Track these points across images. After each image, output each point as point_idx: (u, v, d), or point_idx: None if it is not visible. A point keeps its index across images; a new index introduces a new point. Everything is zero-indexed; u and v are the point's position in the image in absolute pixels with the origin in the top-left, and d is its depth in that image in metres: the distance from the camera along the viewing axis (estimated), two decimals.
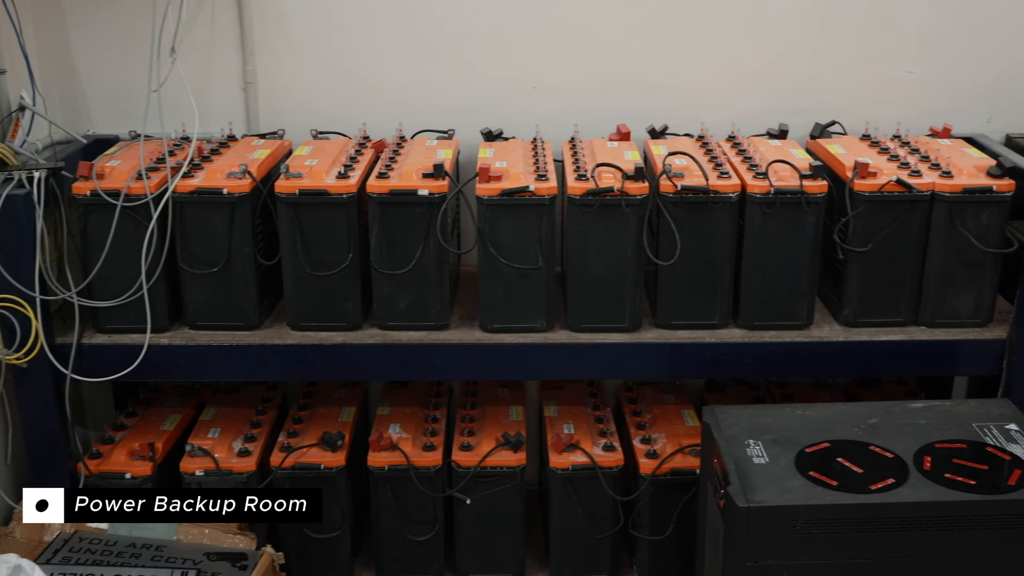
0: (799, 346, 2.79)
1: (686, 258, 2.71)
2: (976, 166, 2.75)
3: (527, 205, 2.68)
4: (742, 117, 3.15)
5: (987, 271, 2.74)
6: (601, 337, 2.80)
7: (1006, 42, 3.16)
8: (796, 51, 3.17)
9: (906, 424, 2.50)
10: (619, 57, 3.17)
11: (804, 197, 2.67)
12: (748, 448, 2.41)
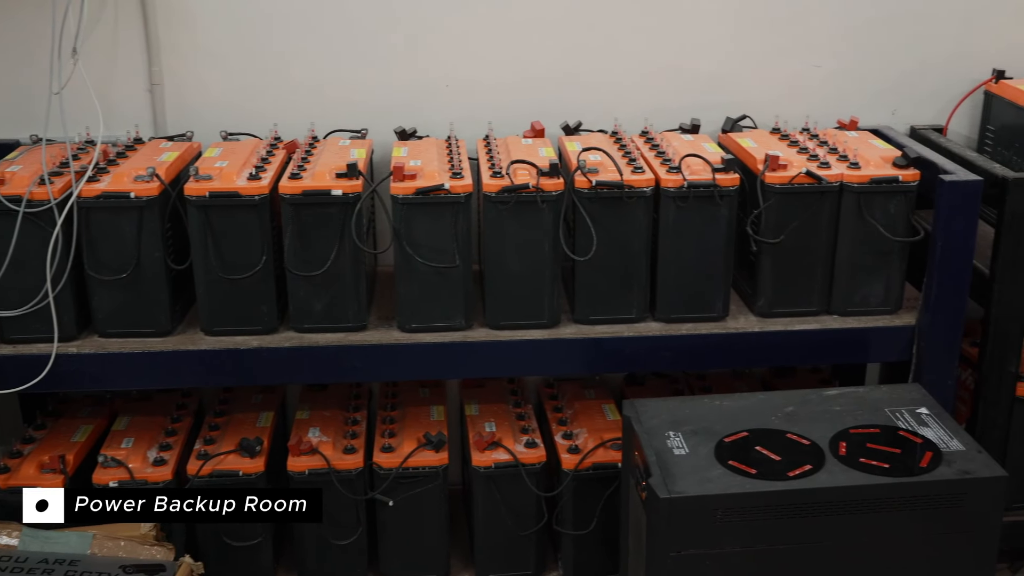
0: (716, 338, 2.82)
1: (602, 253, 2.72)
2: (883, 157, 2.80)
3: (442, 203, 2.66)
4: (655, 112, 3.17)
5: (895, 260, 2.80)
6: (520, 334, 2.80)
7: (909, 36, 3.23)
8: (707, 47, 3.21)
9: (821, 411, 2.54)
10: (532, 54, 3.17)
11: (717, 190, 2.70)
12: (668, 440, 2.43)
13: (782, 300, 2.84)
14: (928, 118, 3.30)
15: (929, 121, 3.30)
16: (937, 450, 2.36)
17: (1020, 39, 3.25)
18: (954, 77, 3.27)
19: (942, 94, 3.29)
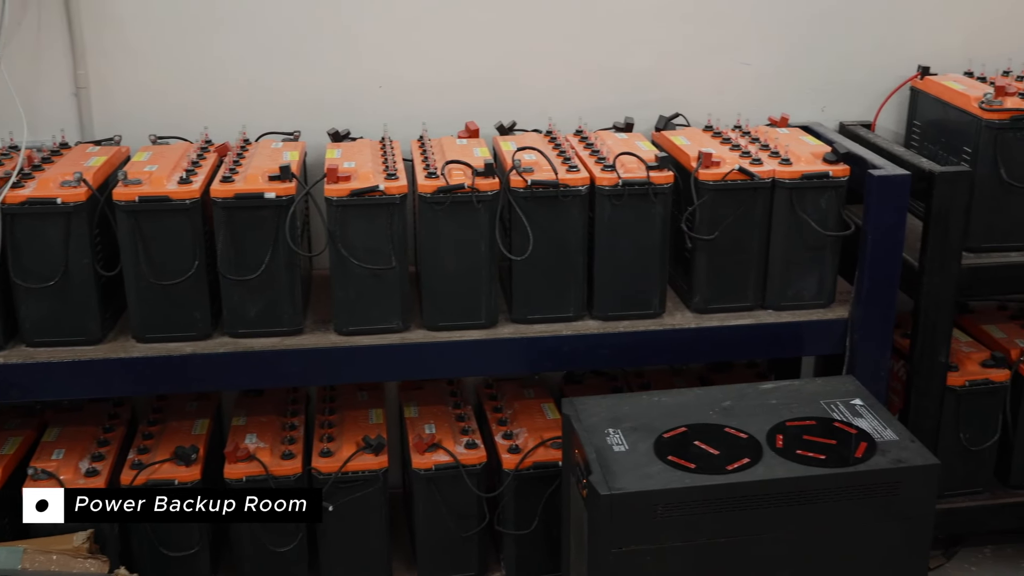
0: (653, 335, 2.83)
1: (539, 252, 2.72)
2: (813, 153, 2.84)
3: (377, 205, 2.64)
4: (589, 112, 3.18)
5: (827, 254, 2.84)
6: (458, 335, 2.79)
7: (837, 34, 3.28)
8: (639, 46, 3.22)
9: (758, 405, 2.57)
10: (466, 55, 3.16)
11: (651, 188, 2.72)
12: (608, 437, 2.43)
13: (718, 296, 2.87)
14: (857, 114, 3.35)
15: (858, 117, 3.35)
16: (872, 440, 2.39)
17: (944, 36, 3.32)
18: (881, 74, 3.32)
19: (870, 91, 3.34)
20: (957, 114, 2.99)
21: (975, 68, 3.25)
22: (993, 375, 3.05)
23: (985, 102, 2.87)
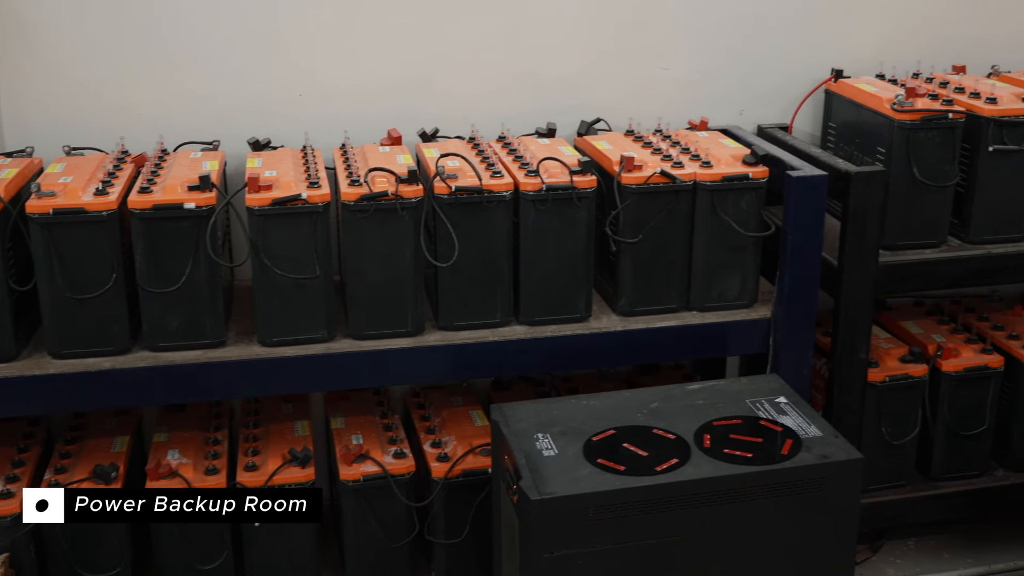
0: (580, 338, 2.84)
1: (465, 259, 2.71)
2: (733, 155, 2.88)
3: (300, 213, 2.61)
4: (511, 117, 3.18)
5: (749, 255, 2.87)
6: (384, 343, 2.76)
7: (753, 37, 3.33)
8: (559, 51, 3.24)
9: (685, 406, 2.59)
10: (386, 61, 3.14)
11: (575, 192, 2.73)
12: (537, 442, 2.43)
13: (643, 299, 2.88)
14: (774, 117, 3.40)
15: (775, 120, 3.40)
16: (797, 437, 2.43)
17: (856, 39, 3.38)
18: (797, 77, 3.38)
19: (786, 94, 3.39)
20: (870, 115, 3.05)
21: (886, 70, 3.33)
22: (912, 370, 3.11)
23: (897, 103, 2.94)
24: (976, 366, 3.15)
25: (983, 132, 2.94)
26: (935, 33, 3.42)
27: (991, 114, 2.93)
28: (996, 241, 3.06)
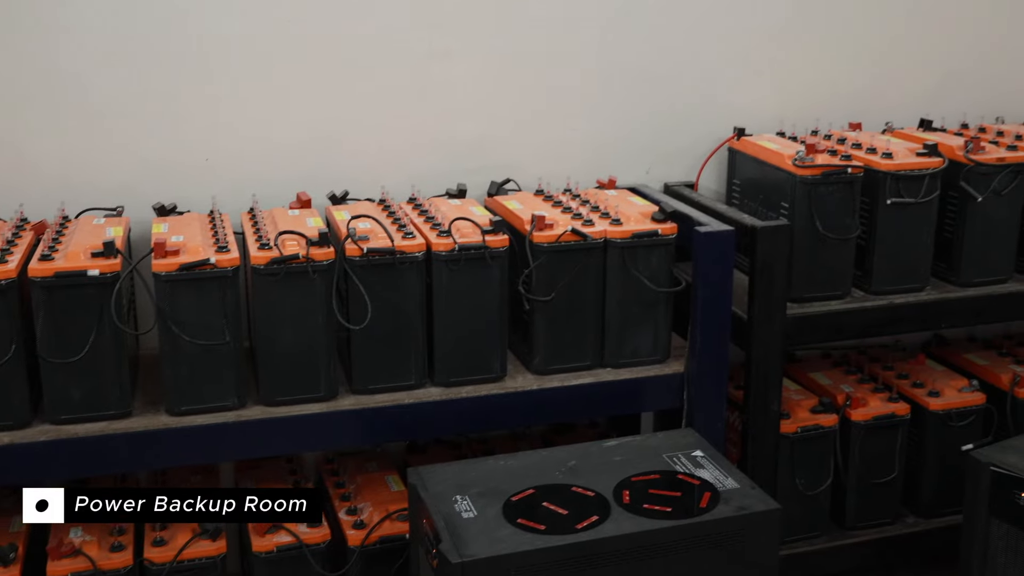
0: (495, 398, 2.82)
1: (378, 321, 2.68)
2: (641, 213, 2.92)
3: (209, 278, 2.56)
4: (421, 179, 3.18)
5: (661, 311, 2.90)
6: (297, 409, 2.71)
7: (657, 98, 3.40)
8: (469, 113, 3.26)
9: (603, 462, 2.58)
10: (294, 124, 3.12)
11: (487, 252, 2.73)
12: (456, 504, 2.40)
13: (557, 357, 2.88)
14: (680, 175, 3.47)
15: (681, 178, 3.47)
16: (714, 490, 2.44)
17: (756, 99, 3.48)
18: (701, 136, 3.45)
19: (691, 152, 3.46)
20: (773, 171, 3.13)
21: (786, 128, 3.42)
22: (822, 420, 3.16)
23: (798, 159, 3.02)
24: (884, 414, 3.21)
25: (881, 186, 3.04)
26: (832, 92, 3.53)
27: (888, 168, 3.02)
28: (897, 291, 3.14)
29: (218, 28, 3.01)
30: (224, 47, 3.03)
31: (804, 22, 3.50)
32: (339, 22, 3.10)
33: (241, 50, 3.04)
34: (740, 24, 3.43)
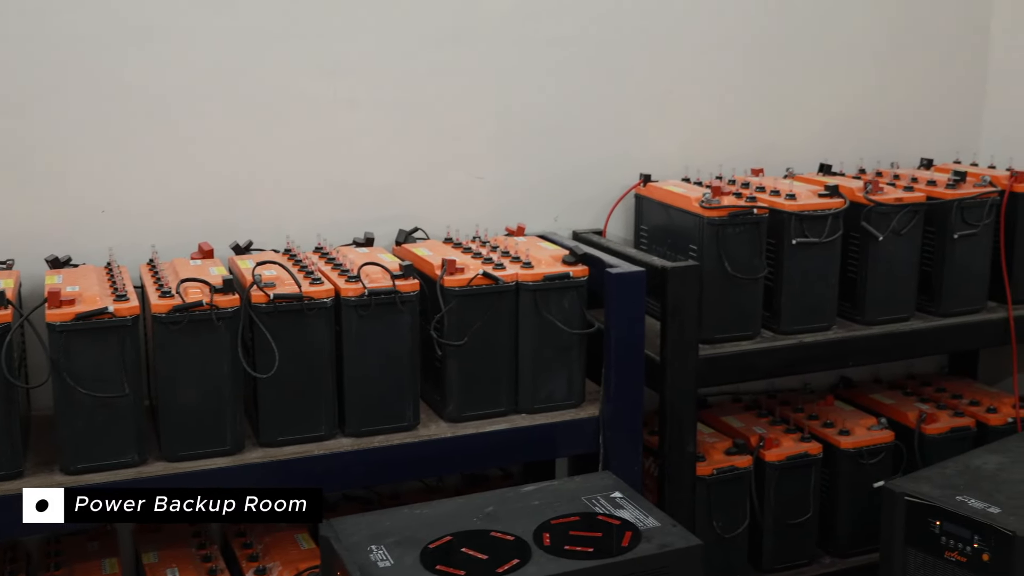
0: (408, 447, 2.75)
1: (285, 370, 2.60)
2: (552, 256, 2.90)
3: (107, 328, 2.45)
4: (327, 228, 3.12)
5: (574, 354, 2.87)
6: (202, 464, 2.59)
7: (564, 146, 3.41)
8: (375, 162, 3.23)
9: (521, 507, 2.52)
10: (195, 175, 3.05)
11: (398, 296, 2.68)
12: (371, 554, 2.31)
13: (471, 404, 2.83)
14: (588, 223, 3.47)
15: (589, 226, 3.47)
16: (636, 529, 2.40)
17: (662, 146, 3.53)
18: (608, 184, 3.47)
19: (598, 200, 3.48)
20: (680, 215, 3.15)
21: (691, 174, 3.47)
22: (737, 461, 3.16)
23: (704, 201, 3.05)
24: (797, 454, 3.23)
25: (786, 226, 3.08)
26: (734, 140, 3.60)
27: (792, 209, 3.07)
28: (805, 331, 3.17)
29: (116, 76, 2.94)
30: (121, 95, 2.95)
31: (708, 73, 3.57)
32: (241, 71, 3.05)
33: (140, 99, 2.97)
34: (646, 74, 3.48)
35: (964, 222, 3.27)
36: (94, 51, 2.91)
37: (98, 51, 2.91)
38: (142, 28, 2.94)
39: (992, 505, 2.60)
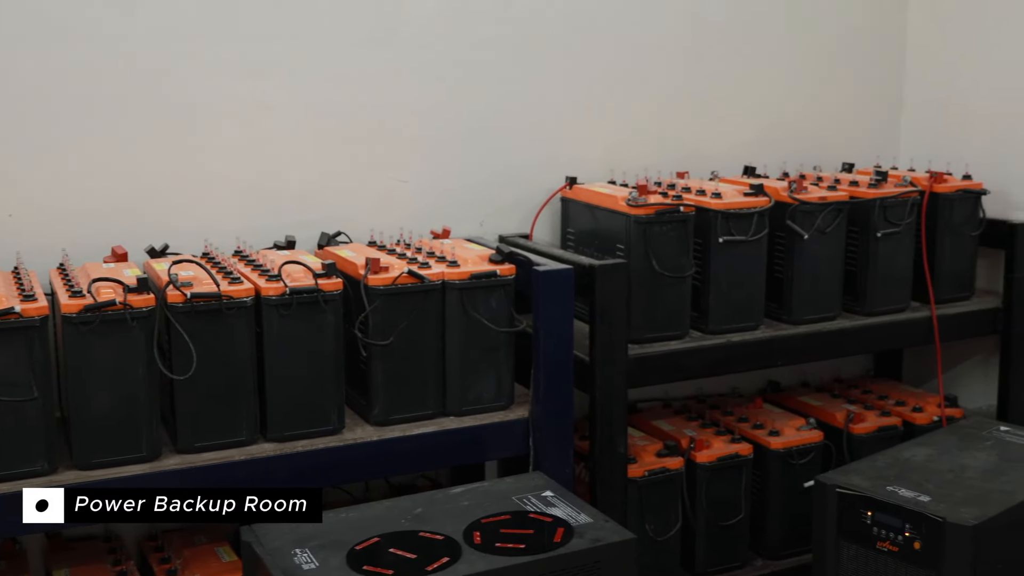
0: (333, 452, 2.66)
1: (204, 373, 2.51)
2: (479, 256, 2.86)
3: (14, 330, 2.34)
4: (247, 233, 3.03)
5: (502, 354, 2.82)
6: (115, 472, 2.48)
7: (489, 149, 3.38)
8: (296, 166, 3.16)
9: (450, 508, 2.46)
10: (109, 178, 2.95)
11: (321, 295, 2.60)
12: (295, 557, 2.23)
13: (397, 406, 2.76)
14: (514, 227, 3.43)
15: (515, 230, 3.43)
16: (568, 525, 2.35)
17: (587, 149, 3.51)
18: (533, 188, 3.43)
19: (524, 204, 3.44)
20: (606, 215, 3.13)
21: (617, 178, 3.45)
22: (668, 463, 3.13)
23: (631, 200, 3.03)
24: (728, 455, 3.21)
25: (712, 225, 3.07)
26: (659, 144, 3.60)
27: (718, 207, 3.07)
28: (733, 331, 3.17)
29: (25, 77, 2.84)
30: (30, 96, 2.85)
31: (633, 78, 3.57)
32: (157, 72, 2.97)
33: (48, 100, 2.87)
34: (570, 77, 3.47)
35: (887, 221, 3.30)
36: (9, 55, 2.82)
37: (13, 55, 2.82)
38: (53, 28, 2.85)
39: (922, 494, 2.60)
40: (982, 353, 3.79)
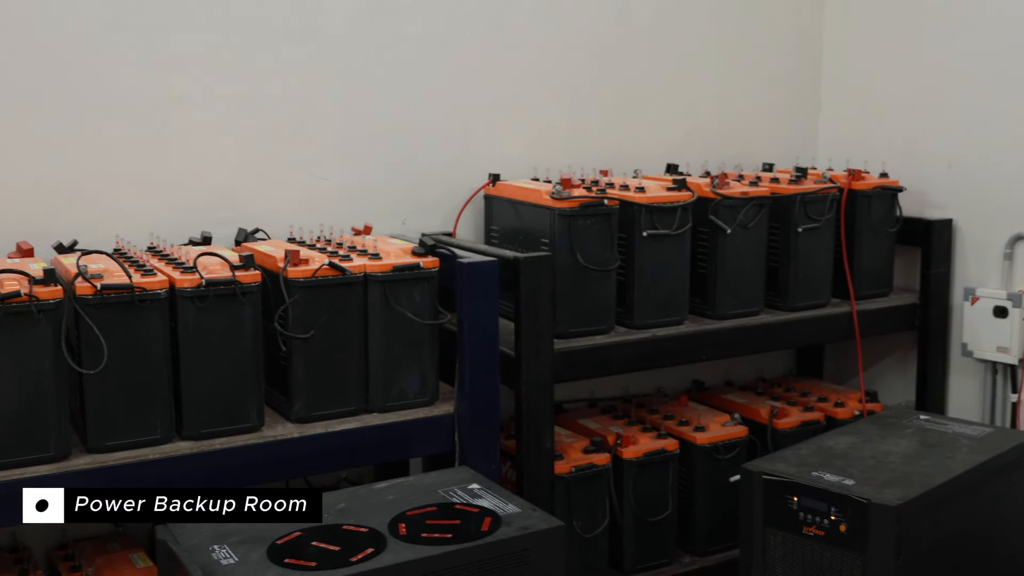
0: (253, 450, 2.59)
1: (115, 367, 2.42)
2: (402, 249, 2.81)
3: None
4: (161, 230, 2.94)
5: (426, 349, 2.77)
6: (19, 473, 2.37)
7: (411, 149, 3.34)
8: (212, 162, 3.08)
9: (375, 503, 2.40)
10: (10, 174, 2.83)
11: (238, 287, 2.53)
12: (213, 553, 2.15)
13: (319, 402, 2.69)
14: (437, 226, 3.39)
15: (439, 228, 3.39)
16: (495, 515, 2.30)
17: (509, 146, 3.49)
18: (456, 186, 3.40)
19: (447, 202, 3.41)
20: (530, 210, 3.11)
21: (539, 175, 3.43)
22: (595, 459, 3.10)
23: (555, 194, 3.01)
24: (654, 451, 3.19)
25: (636, 219, 3.07)
26: (581, 142, 3.59)
27: (642, 201, 3.07)
28: (658, 325, 3.16)
29: None
30: None
31: (555, 76, 3.56)
32: (66, 63, 2.87)
33: None
34: (492, 75, 3.45)
35: (807, 216, 3.33)
36: None
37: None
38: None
39: (846, 478, 2.61)
40: (900, 350, 3.84)
